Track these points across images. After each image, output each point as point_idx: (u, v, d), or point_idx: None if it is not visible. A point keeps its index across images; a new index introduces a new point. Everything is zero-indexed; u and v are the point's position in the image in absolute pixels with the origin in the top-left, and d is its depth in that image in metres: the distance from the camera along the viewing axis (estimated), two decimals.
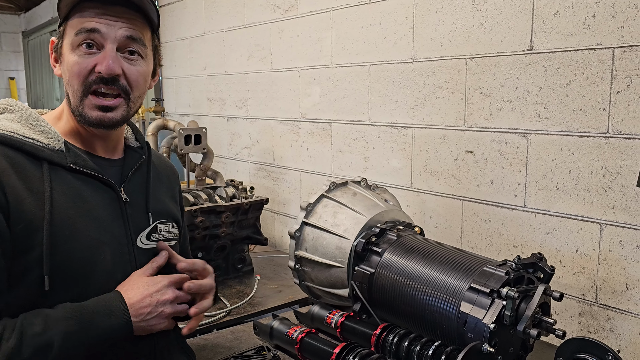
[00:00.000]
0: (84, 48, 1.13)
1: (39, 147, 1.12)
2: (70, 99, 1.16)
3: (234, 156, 3.37)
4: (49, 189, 1.09)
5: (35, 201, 1.07)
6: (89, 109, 1.14)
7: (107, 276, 1.14)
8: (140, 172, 1.30)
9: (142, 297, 1.11)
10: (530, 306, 1.28)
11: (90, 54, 1.13)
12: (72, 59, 1.13)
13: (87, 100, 1.14)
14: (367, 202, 1.72)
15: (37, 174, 1.10)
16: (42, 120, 1.16)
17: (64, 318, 1.03)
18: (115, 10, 1.14)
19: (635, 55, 1.50)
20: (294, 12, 2.72)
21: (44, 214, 1.06)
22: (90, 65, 1.13)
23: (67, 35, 1.15)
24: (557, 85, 1.68)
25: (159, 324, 1.14)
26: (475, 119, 1.93)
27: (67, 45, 1.15)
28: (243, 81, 3.20)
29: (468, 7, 1.91)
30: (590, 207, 1.64)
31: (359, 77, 2.38)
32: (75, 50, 1.13)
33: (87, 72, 1.13)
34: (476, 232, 1.97)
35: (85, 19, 1.12)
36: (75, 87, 1.14)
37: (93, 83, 1.13)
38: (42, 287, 1.05)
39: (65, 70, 1.16)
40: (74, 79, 1.14)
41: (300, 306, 2.02)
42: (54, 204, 1.09)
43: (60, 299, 1.07)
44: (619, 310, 1.61)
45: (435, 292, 1.40)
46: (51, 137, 1.15)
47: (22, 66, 8.42)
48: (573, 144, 1.67)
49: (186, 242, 1.53)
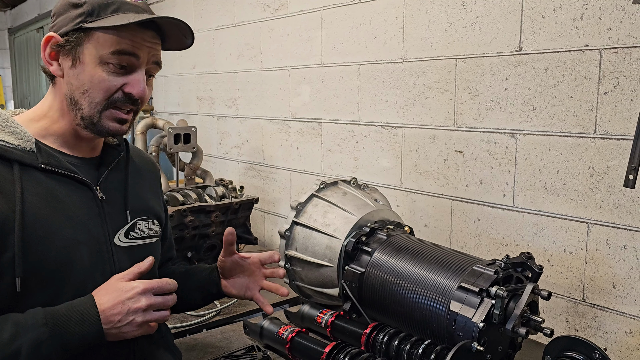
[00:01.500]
0: (114, 66, 1.14)
1: (8, 149, 1.10)
2: (84, 108, 1.15)
3: (224, 155, 3.36)
4: (20, 190, 1.08)
5: (6, 203, 1.06)
6: (107, 120, 1.17)
7: (84, 276, 1.14)
8: (118, 169, 1.29)
9: (114, 303, 1.07)
10: (519, 305, 1.29)
11: (119, 73, 1.15)
12: (100, 74, 1.13)
13: (108, 112, 1.16)
14: (357, 202, 1.73)
15: (7, 176, 1.09)
16: (12, 122, 1.14)
17: (34, 325, 1.01)
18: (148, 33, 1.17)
19: (622, 56, 1.52)
20: (284, 11, 2.72)
21: (15, 216, 1.05)
22: (119, 84, 1.15)
23: (94, 46, 1.13)
24: (546, 86, 1.70)
25: (132, 331, 1.09)
26: (465, 119, 1.94)
27: (92, 55, 1.13)
28: (233, 80, 3.19)
29: (458, 8, 1.92)
30: (578, 206, 1.66)
31: (349, 76, 2.38)
32: (104, 66, 1.13)
33: (115, 89, 1.15)
34: (465, 232, 1.98)
35: (123, 41, 1.13)
36: (98, 100, 1.15)
37: (119, 101, 1.16)
38: (15, 290, 1.04)
39: (84, 80, 1.14)
40: (99, 93, 1.14)
41: (291, 306, 2.02)
42: (26, 205, 1.08)
43: (35, 300, 1.06)
44: (605, 308, 1.63)
45: (424, 292, 1.41)
46: (21, 137, 1.13)
47: (8, 63, 8.32)
48: (561, 144, 1.68)
49: (170, 236, 1.55)
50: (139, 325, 1.09)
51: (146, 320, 1.09)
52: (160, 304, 1.12)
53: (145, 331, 1.12)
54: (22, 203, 1.07)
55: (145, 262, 1.16)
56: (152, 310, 1.11)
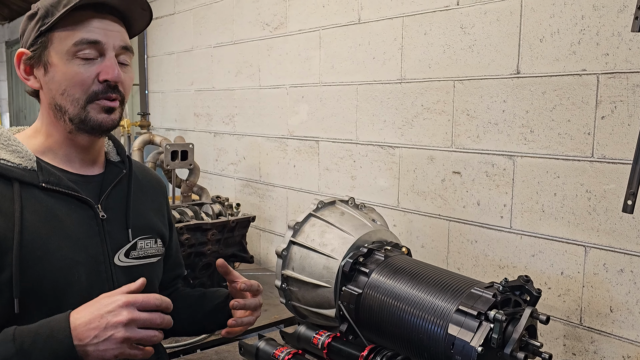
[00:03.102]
0: (82, 58, 1.13)
1: (9, 168, 1.10)
2: (68, 108, 1.14)
3: (220, 172, 3.36)
4: (19, 209, 1.07)
5: (5, 222, 1.05)
6: (94, 113, 1.15)
7: (82, 297, 1.11)
8: (120, 187, 1.27)
9: (91, 318, 0.98)
10: (517, 329, 1.28)
11: (90, 63, 1.14)
12: (72, 69, 1.13)
13: (93, 104, 1.15)
14: (355, 222, 1.72)
15: (7, 195, 1.08)
16: (13, 140, 1.15)
17: (3, 341, 0.97)
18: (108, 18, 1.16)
19: (619, 81, 1.54)
20: (283, 30, 2.74)
21: (14, 235, 1.04)
22: (93, 74, 1.13)
23: (58, 45, 1.13)
24: (543, 109, 1.71)
25: (112, 349, 0.97)
26: (463, 140, 1.95)
27: (59, 54, 1.13)
28: (230, 97, 3.20)
29: (456, 31, 1.94)
30: (575, 229, 1.66)
31: (347, 96, 2.39)
32: (73, 60, 1.13)
33: (91, 80, 1.14)
34: (462, 253, 1.98)
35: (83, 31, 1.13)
36: (77, 95, 1.13)
37: (100, 92, 1.14)
38: (13, 310, 1.03)
39: (59, 80, 1.14)
40: (76, 88, 1.13)
41: (286, 326, 2.00)
42: (24, 225, 1.07)
43: (32, 321, 1.04)
44: (603, 332, 1.62)
45: (422, 314, 1.40)
46: (22, 156, 1.13)
47: (5, 76, 8.32)
48: (558, 167, 1.69)
49: (178, 252, 1.51)
50: (120, 342, 0.97)
51: (128, 337, 0.97)
52: (146, 321, 1.00)
53: (132, 354, 1.01)
54: (21, 222, 1.06)
55: (137, 282, 1.07)
56: (137, 327, 0.99)
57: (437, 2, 1.99)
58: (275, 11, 2.78)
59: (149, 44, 4.05)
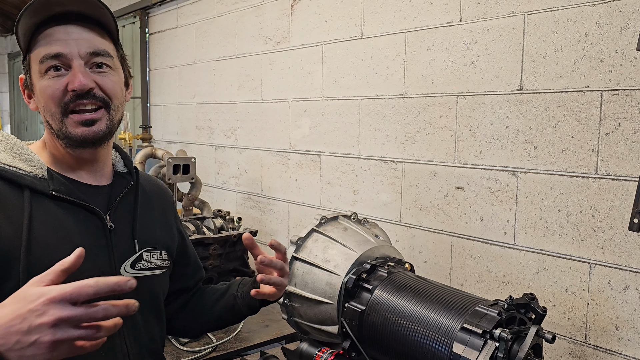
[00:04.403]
0: (52, 72, 1.13)
1: (20, 175, 1.11)
2: (52, 125, 1.15)
3: (222, 185, 3.35)
4: (28, 217, 1.07)
5: (14, 230, 1.05)
6: (72, 127, 1.14)
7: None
8: (128, 199, 1.28)
9: (12, 318, 0.79)
10: (523, 348, 1.27)
11: (60, 76, 1.13)
12: (44, 84, 1.13)
13: (69, 119, 1.14)
14: (358, 238, 1.71)
15: (17, 203, 1.08)
16: (26, 149, 1.16)
17: None
18: (73, 27, 1.15)
19: (623, 98, 1.54)
20: (286, 44, 2.75)
21: (22, 244, 1.04)
22: (62, 85, 1.13)
23: (33, 65, 1.15)
24: (547, 125, 1.71)
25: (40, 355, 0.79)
26: (466, 155, 1.94)
27: (35, 74, 1.15)
28: (232, 110, 3.20)
29: (459, 46, 1.94)
30: (580, 246, 1.65)
31: (350, 110, 2.40)
32: (44, 76, 1.13)
33: (61, 92, 1.13)
34: (465, 269, 1.96)
35: (46, 46, 1.13)
36: (53, 110, 1.14)
37: (70, 102, 1.13)
38: None
39: (40, 98, 1.15)
40: (50, 102, 1.14)
41: (288, 342, 1.98)
42: (33, 233, 1.07)
43: None
44: (608, 351, 1.61)
45: (427, 332, 1.39)
46: (34, 165, 1.14)
47: (7, 88, 8.35)
48: (562, 184, 1.68)
49: (196, 257, 1.53)
50: (48, 347, 0.79)
51: (58, 339, 0.79)
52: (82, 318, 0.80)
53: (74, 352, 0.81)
54: (28, 231, 1.06)
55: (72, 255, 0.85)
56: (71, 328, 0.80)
57: (439, 18, 2.00)
58: (278, 25, 2.79)
59: (151, 57, 4.06)
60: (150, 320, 1.28)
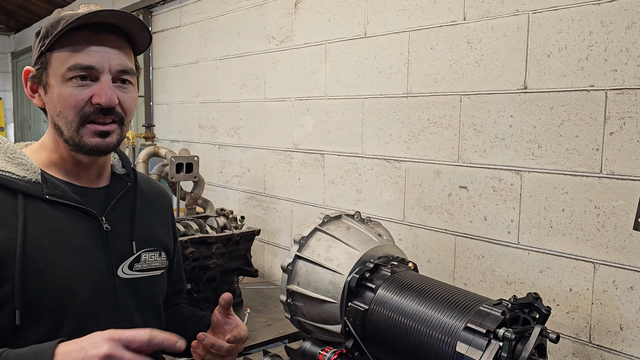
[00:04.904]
0: (77, 80, 1.12)
1: (14, 180, 1.10)
2: (63, 130, 1.14)
3: (224, 184, 3.35)
4: (22, 221, 1.07)
5: (7, 234, 1.05)
6: (87, 137, 1.14)
7: (84, 309, 1.11)
8: (126, 200, 1.27)
9: (73, 348, 0.93)
10: (527, 348, 1.26)
11: (85, 86, 1.12)
12: (66, 91, 1.12)
13: (86, 128, 1.13)
14: (361, 237, 1.71)
15: (11, 207, 1.08)
16: (19, 153, 1.15)
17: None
18: (107, 40, 1.14)
19: (628, 97, 1.53)
20: (289, 43, 2.75)
21: (16, 247, 1.04)
22: (86, 96, 1.12)
23: (55, 66, 1.13)
24: (551, 125, 1.70)
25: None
26: (469, 154, 1.94)
27: (56, 76, 1.13)
28: (236, 109, 3.20)
29: (463, 45, 1.94)
30: (584, 246, 1.65)
31: (353, 109, 2.39)
32: (68, 82, 1.12)
33: (84, 102, 1.12)
34: (469, 268, 1.96)
35: (79, 54, 1.11)
36: (71, 118, 1.13)
37: (91, 114, 1.13)
38: (14, 322, 1.02)
39: (55, 102, 1.14)
40: (69, 111, 1.12)
41: (290, 341, 1.98)
42: (27, 236, 1.07)
43: (34, 333, 1.04)
44: (612, 351, 1.60)
45: (430, 331, 1.39)
46: (27, 169, 1.13)
47: (10, 87, 8.37)
48: (567, 183, 1.68)
49: (180, 267, 1.50)
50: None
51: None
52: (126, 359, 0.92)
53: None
54: (23, 234, 1.06)
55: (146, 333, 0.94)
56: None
57: (443, 17, 2.00)
58: (282, 24, 2.79)
59: (154, 56, 4.06)
60: (149, 320, 1.28)
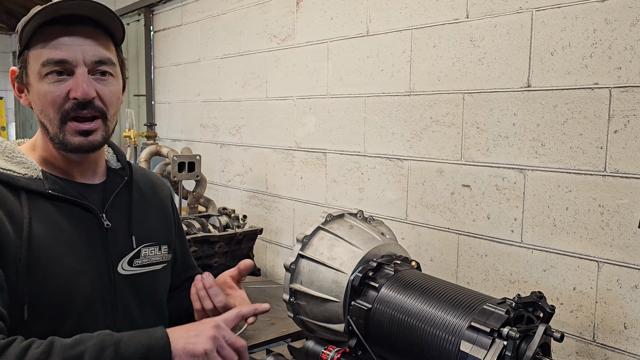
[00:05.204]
0: (53, 76, 1.11)
1: (16, 177, 1.10)
2: (48, 128, 1.14)
3: (226, 183, 3.35)
4: (27, 216, 1.07)
5: (16, 229, 1.05)
6: (70, 136, 1.13)
7: (85, 305, 1.11)
8: (123, 195, 1.27)
9: (189, 327, 1.01)
10: (531, 347, 1.26)
11: (61, 81, 1.11)
12: (44, 88, 1.11)
13: (68, 126, 1.12)
14: (364, 236, 1.70)
15: (16, 203, 1.08)
16: (18, 152, 1.15)
17: (98, 334, 0.96)
18: (79, 32, 1.12)
19: (632, 95, 1.52)
20: (291, 41, 2.74)
21: (22, 242, 1.05)
22: (63, 92, 1.11)
23: (32, 64, 1.12)
24: (555, 123, 1.70)
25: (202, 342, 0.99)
26: (472, 153, 1.93)
27: (33, 74, 1.12)
28: (237, 108, 3.19)
29: (466, 43, 1.93)
30: (588, 244, 1.64)
31: (355, 108, 2.39)
32: (45, 79, 1.11)
33: (62, 99, 1.11)
34: (472, 267, 1.95)
35: (51, 49, 1.10)
36: (52, 115, 1.12)
37: (70, 110, 1.12)
38: (21, 317, 1.03)
39: (37, 100, 1.13)
40: (49, 108, 1.12)
41: (293, 340, 1.98)
42: (32, 232, 1.07)
43: (36, 330, 1.04)
44: (617, 349, 1.60)
45: (434, 330, 1.38)
46: (28, 166, 1.13)
47: (11, 86, 8.36)
48: (570, 181, 1.67)
49: (186, 255, 1.49)
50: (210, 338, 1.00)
51: (215, 335, 1.00)
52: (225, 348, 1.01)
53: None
54: (29, 230, 1.07)
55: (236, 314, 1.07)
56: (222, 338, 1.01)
57: (446, 15, 1.99)
58: (283, 23, 2.78)
59: (155, 55, 4.06)
60: (150, 317, 1.27)
